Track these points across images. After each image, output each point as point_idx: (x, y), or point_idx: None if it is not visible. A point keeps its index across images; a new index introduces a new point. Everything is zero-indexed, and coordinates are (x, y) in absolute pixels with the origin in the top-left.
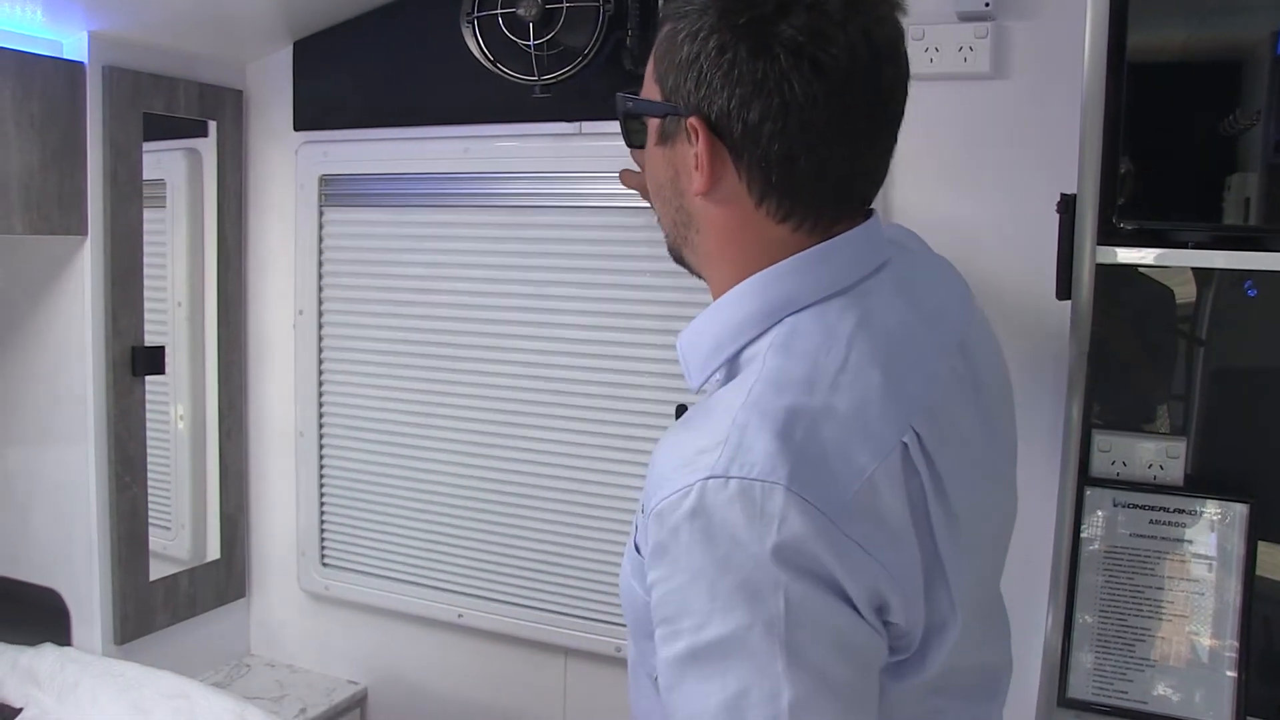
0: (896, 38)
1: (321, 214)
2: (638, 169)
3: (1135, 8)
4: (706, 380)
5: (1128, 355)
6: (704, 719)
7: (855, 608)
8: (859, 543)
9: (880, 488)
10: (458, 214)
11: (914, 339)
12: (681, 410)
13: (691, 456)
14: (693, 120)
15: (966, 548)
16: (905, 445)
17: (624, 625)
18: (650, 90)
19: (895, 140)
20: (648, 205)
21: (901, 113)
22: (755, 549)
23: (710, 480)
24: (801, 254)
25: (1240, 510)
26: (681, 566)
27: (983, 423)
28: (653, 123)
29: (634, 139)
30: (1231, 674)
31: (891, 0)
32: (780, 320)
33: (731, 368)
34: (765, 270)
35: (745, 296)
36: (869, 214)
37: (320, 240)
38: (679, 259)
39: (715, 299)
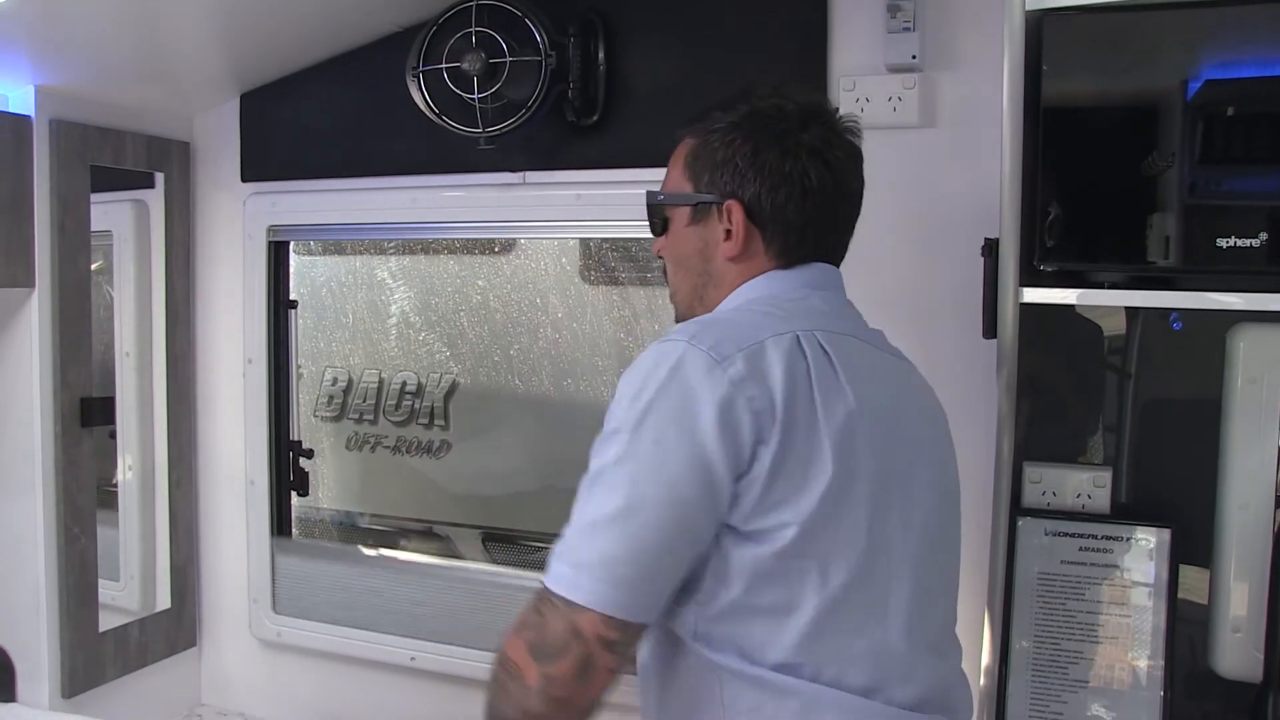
0: (860, 154)
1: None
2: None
3: (1050, 58)
4: None
5: (1059, 389)
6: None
7: (707, 458)
8: (744, 393)
9: (767, 350)
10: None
11: (844, 317)
12: None
13: None
14: (731, 203)
15: (885, 491)
16: (797, 336)
17: None
18: (678, 185)
19: (855, 221)
20: None
21: (860, 205)
22: (652, 381)
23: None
24: (786, 270)
25: (1163, 535)
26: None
27: (919, 413)
28: (682, 209)
29: (661, 226)
30: (1159, 692)
31: (856, 132)
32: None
33: None
34: (753, 280)
35: (741, 292)
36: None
37: (268, 290)
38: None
39: None
